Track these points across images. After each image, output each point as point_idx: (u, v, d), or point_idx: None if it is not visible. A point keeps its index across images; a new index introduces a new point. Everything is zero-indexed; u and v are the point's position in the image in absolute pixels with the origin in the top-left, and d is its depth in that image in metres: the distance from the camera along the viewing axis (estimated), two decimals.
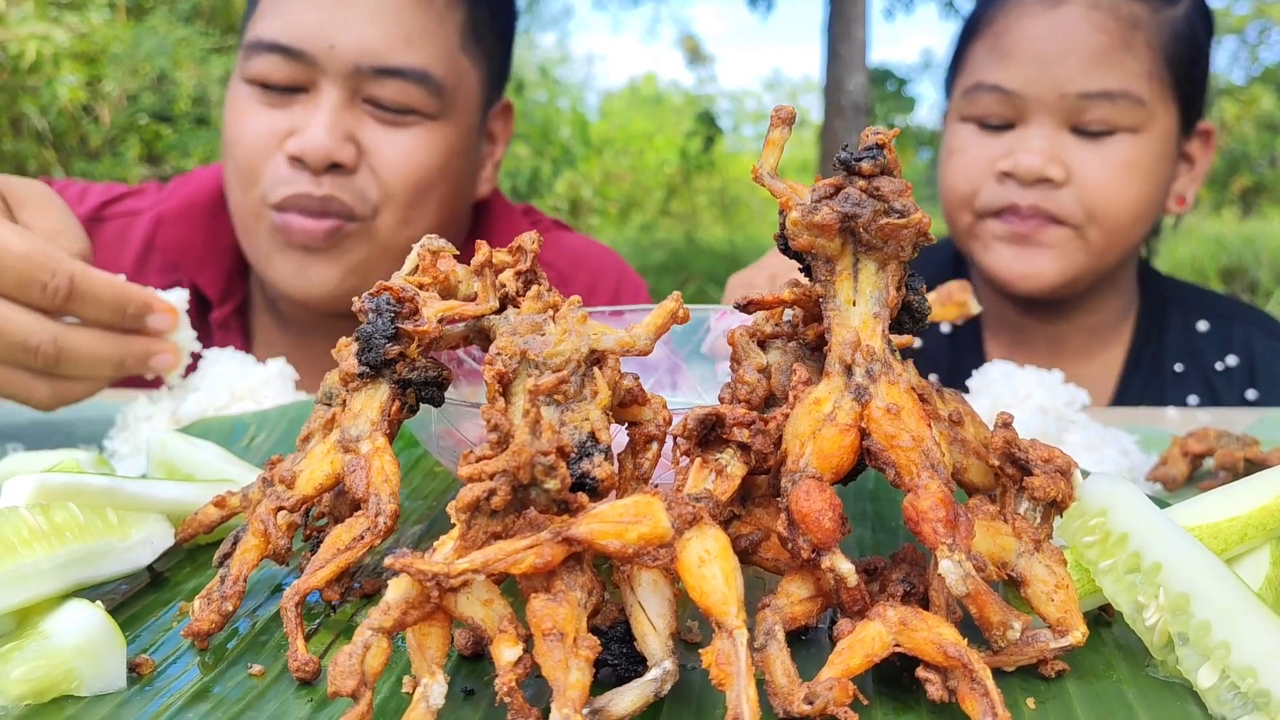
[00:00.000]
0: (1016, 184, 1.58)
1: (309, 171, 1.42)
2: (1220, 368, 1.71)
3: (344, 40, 1.42)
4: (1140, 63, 1.55)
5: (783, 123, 0.62)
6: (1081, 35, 1.56)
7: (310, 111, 1.44)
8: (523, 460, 0.52)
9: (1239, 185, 11.53)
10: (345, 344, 0.68)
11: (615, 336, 0.59)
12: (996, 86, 1.59)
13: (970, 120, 1.64)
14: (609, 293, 1.78)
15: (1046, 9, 1.59)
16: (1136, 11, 1.57)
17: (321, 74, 1.43)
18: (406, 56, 1.46)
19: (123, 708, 0.55)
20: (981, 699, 0.50)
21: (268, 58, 1.44)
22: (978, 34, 1.66)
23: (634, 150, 14.33)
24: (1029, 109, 1.57)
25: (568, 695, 0.47)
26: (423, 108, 1.48)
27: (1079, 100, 1.55)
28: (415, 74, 1.46)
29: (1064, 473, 0.61)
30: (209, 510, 0.70)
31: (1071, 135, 1.57)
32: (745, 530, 0.61)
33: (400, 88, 1.46)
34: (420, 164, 1.49)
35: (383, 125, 1.47)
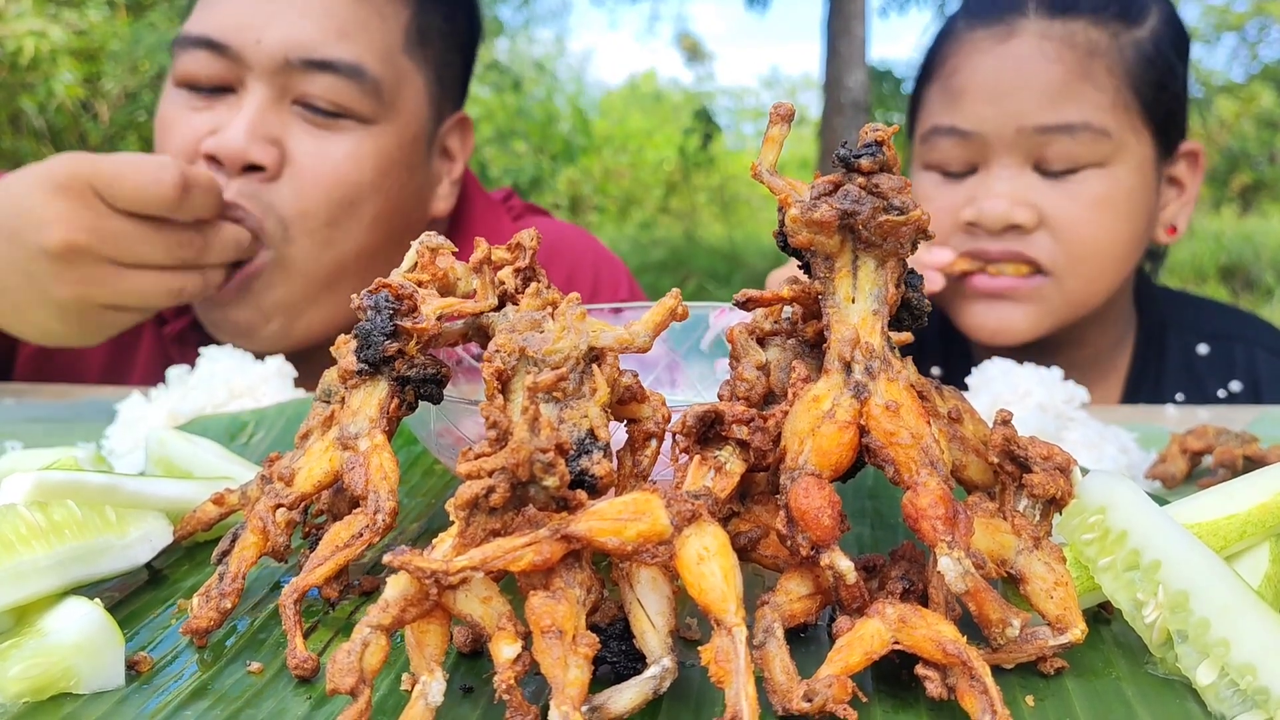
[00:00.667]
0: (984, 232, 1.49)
1: (225, 174, 1.35)
2: (1223, 394, 1.64)
3: (271, 34, 1.35)
4: (1102, 93, 1.47)
5: (782, 119, 0.62)
6: (1035, 67, 1.47)
7: (234, 111, 1.37)
8: (521, 457, 0.51)
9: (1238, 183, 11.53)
10: (344, 341, 0.68)
11: (614, 334, 0.59)
12: (953, 128, 1.51)
13: (931, 168, 1.56)
14: (588, 280, 1.71)
15: (996, 43, 1.51)
16: (1094, 38, 1.48)
17: (248, 71, 1.37)
18: (339, 50, 1.37)
19: (121, 705, 0.55)
20: (980, 696, 0.50)
21: (194, 54, 1.38)
22: (930, 76, 1.59)
23: (633, 148, 14.33)
24: (989, 149, 1.49)
25: (566, 693, 0.47)
26: (356, 108, 1.39)
27: (1038, 135, 1.46)
28: (348, 68, 1.37)
29: (1063, 470, 0.61)
30: (207, 508, 0.70)
31: (1036, 174, 1.49)
32: (744, 527, 0.61)
33: (332, 84, 1.37)
34: (348, 173, 1.39)
35: (312, 129, 1.38)
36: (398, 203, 1.47)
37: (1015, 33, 1.51)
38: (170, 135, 1.40)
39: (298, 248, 1.39)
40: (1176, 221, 1.62)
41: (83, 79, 7.95)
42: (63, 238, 1.18)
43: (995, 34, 1.52)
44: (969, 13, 1.58)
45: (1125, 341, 1.70)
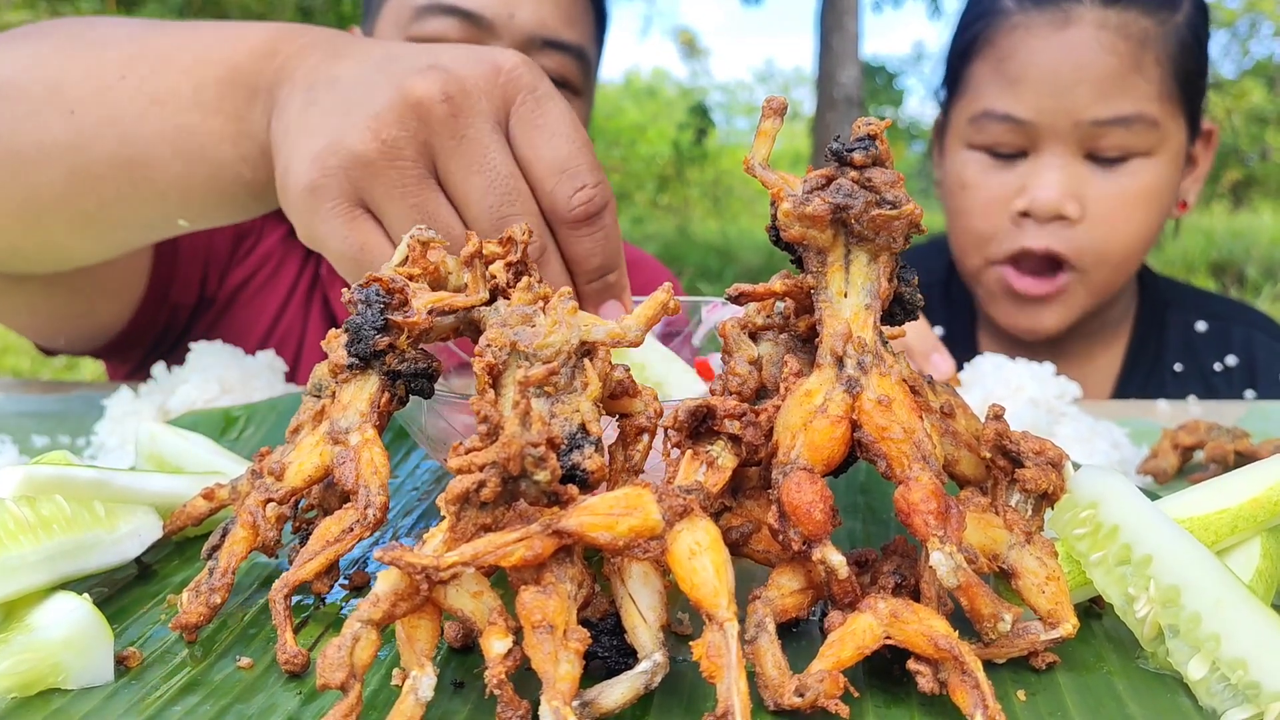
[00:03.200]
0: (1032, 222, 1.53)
1: None
2: (1219, 368, 1.68)
3: (523, 13, 1.49)
4: (1151, 83, 1.50)
5: (774, 114, 0.61)
6: (1093, 58, 1.49)
7: None
8: (512, 452, 0.51)
9: (1229, 179, 11.56)
10: (335, 335, 0.68)
11: (606, 328, 0.59)
12: (1008, 116, 1.52)
13: (978, 148, 1.58)
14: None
15: (1054, 30, 1.52)
16: (1145, 27, 1.51)
17: (495, 40, 1.49)
18: (571, 33, 1.54)
19: (110, 701, 0.54)
20: (972, 691, 0.50)
21: (445, 20, 1.48)
22: (978, 53, 1.59)
23: (626, 142, 14.31)
24: (1041, 137, 1.52)
25: (557, 687, 0.47)
26: (574, 82, 1.56)
27: (1093, 128, 1.49)
28: (576, 49, 1.55)
29: (1055, 465, 0.61)
30: (197, 502, 0.70)
31: (1086, 163, 1.52)
32: (736, 522, 0.61)
33: (561, 61, 1.53)
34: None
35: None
36: None
37: (1072, 20, 1.52)
38: None
39: None
40: (1188, 196, 1.66)
41: None
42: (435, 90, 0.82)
43: (1052, 20, 1.53)
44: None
45: (1128, 313, 1.75)
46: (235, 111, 0.94)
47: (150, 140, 0.97)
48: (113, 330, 1.52)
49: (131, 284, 1.48)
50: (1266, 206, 11.43)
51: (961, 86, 1.63)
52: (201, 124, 0.96)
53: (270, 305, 1.67)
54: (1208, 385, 1.68)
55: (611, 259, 0.86)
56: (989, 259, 1.60)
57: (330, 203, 0.83)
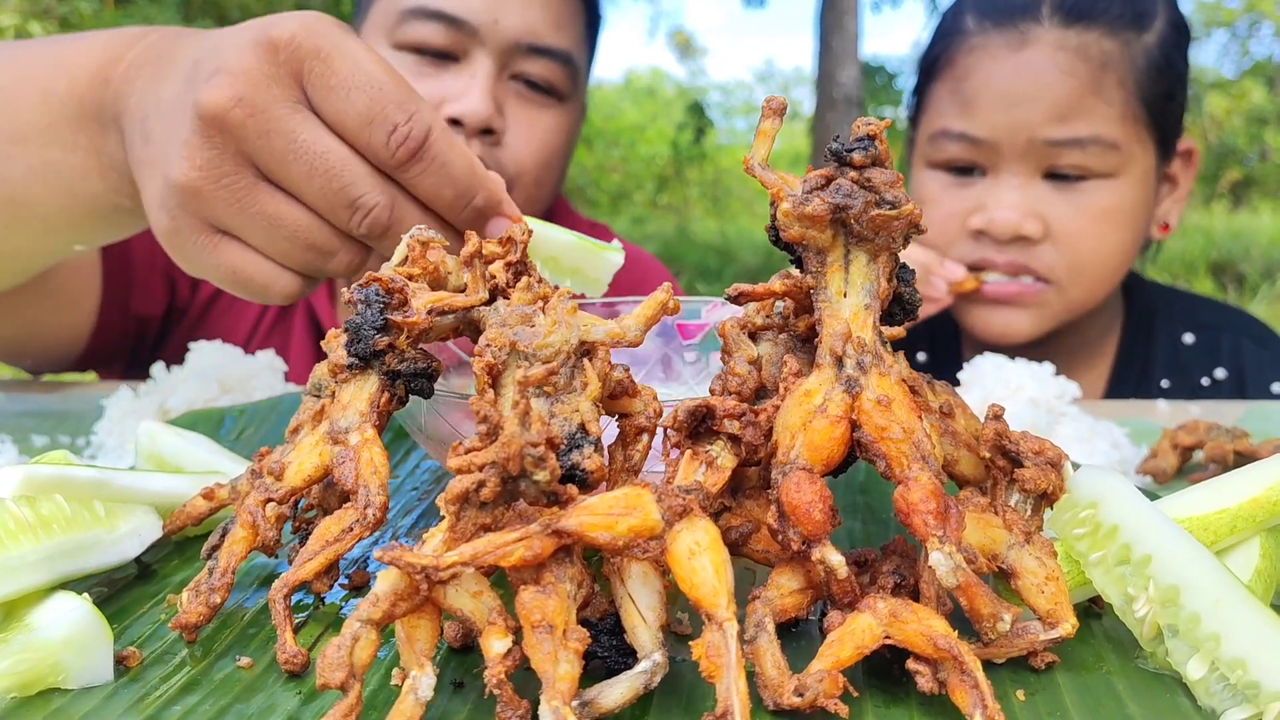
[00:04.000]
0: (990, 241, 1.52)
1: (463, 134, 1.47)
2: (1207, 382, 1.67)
3: (509, 18, 1.49)
4: (1112, 106, 1.48)
5: (774, 114, 0.61)
6: (1049, 80, 1.48)
7: (463, 80, 1.49)
8: (512, 452, 0.51)
9: (1228, 179, 11.56)
10: (334, 335, 0.68)
11: (605, 328, 0.59)
12: (964, 134, 1.52)
13: (937, 167, 1.58)
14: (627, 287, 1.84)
15: (1011, 51, 1.51)
16: (1107, 49, 1.49)
17: (479, 45, 1.49)
18: (556, 38, 1.54)
19: (110, 700, 0.54)
20: (972, 691, 0.50)
21: (429, 25, 1.49)
22: (938, 74, 1.59)
23: (625, 142, 14.30)
24: (999, 155, 1.51)
25: (557, 687, 0.47)
26: (560, 88, 1.56)
27: (1048, 147, 1.48)
28: (562, 55, 1.54)
29: (1055, 465, 0.61)
30: (197, 502, 0.70)
31: (1044, 182, 1.51)
32: (735, 522, 0.61)
33: (547, 67, 1.53)
34: (551, 142, 1.57)
35: (524, 102, 1.54)
36: (563, 173, 1.70)
37: (1029, 41, 1.51)
38: None
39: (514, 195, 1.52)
40: (1169, 218, 1.64)
41: None
42: (221, 102, 0.81)
43: (1009, 40, 1.52)
44: (979, 12, 1.57)
45: (1113, 328, 1.73)
46: (92, 145, 0.94)
47: (21, 179, 0.97)
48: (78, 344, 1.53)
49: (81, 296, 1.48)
50: (1266, 206, 11.43)
51: (923, 105, 1.63)
52: (64, 160, 0.95)
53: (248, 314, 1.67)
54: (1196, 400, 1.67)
55: (463, 185, 0.84)
56: None
57: (189, 240, 0.84)
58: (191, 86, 0.83)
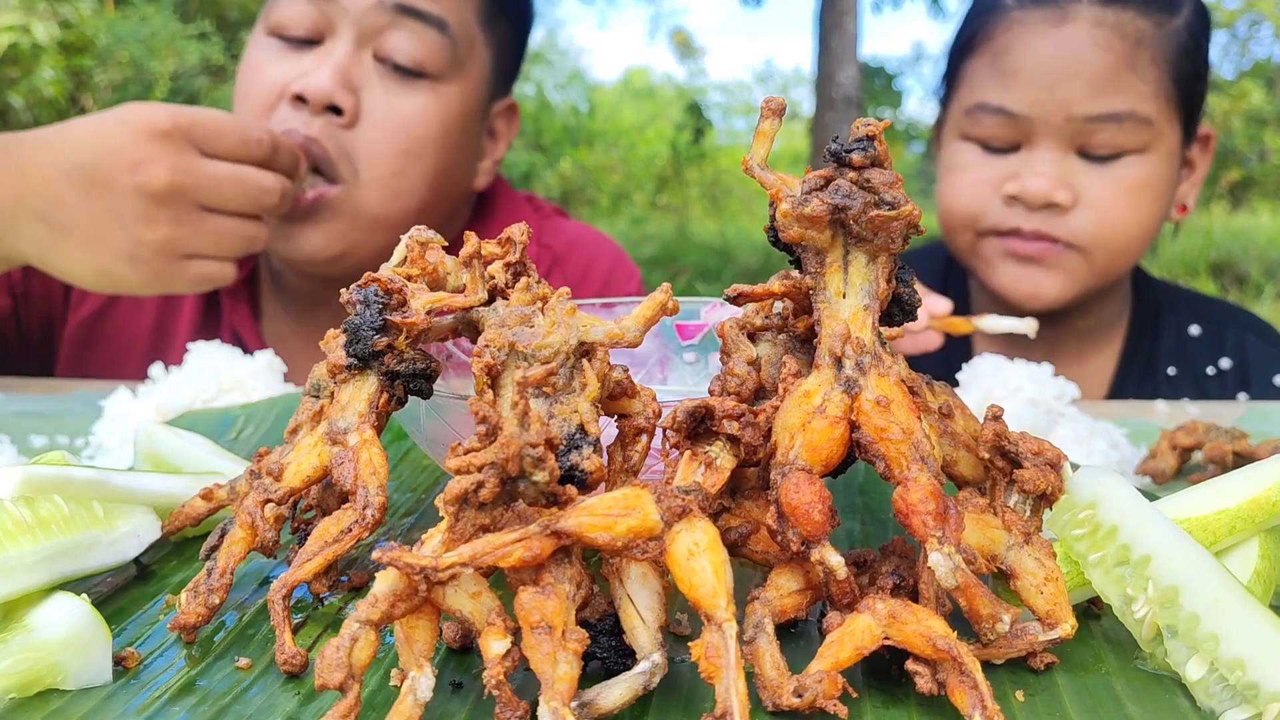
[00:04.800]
0: (1023, 207, 1.55)
1: (308, 112, 1.46)
2: (1212, 371, 1.69)
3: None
4: (1146, 83, 1.52)
5: (773, 114, 0.61)
6: (1087, 56, 1.51)
7: (321, 58, 1.48)
8: (511, 452, 0.51)
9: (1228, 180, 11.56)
10: (333, 335, 0.68)
11: (604, 328, 0.59)
12: (1001, 109, 1.55)
13: (972, 140, 1.60)
14: (601, 277, 1.80)
15: (1050, 27, 1.54)
16: (1142, 27, 1.53)
17: (341, 16, 1.47)
18: (431, 4, 1.48)
19: (108, 701, 0.54)
20: (971, 692, 0.50)
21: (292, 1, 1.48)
22: (975, 49, 1.62)
23: (624, 143, 14.30)
24: (1034, 131, 1.54)
25: (556, 688, 0.47)
26: (433, 65, 1.50)
27: (1086, 123, 1.51)
28: (435, 19, 1.49)
29: (1054, 466, 0.61)
30: (196, 503, 0.70)
31: (1078, 158, 1.54)
32: (735, 523, 0.61)
33: (417, 33, 1.48)
34: (416, 126, 1.50)
35: (386, 84, 1.49)
36: (453, 163, 1.60)
37: (1069, 18, 1.54)
38: (258, 78, 1.52)
39: (366, 191, 1.51)
40: (1187, 200, 1.68)
41: (70, 73, 7.90)
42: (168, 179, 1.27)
43: (1049, 17, 1.55)
44: None
45: (1122, 316, 1.76)
46: None
47: None
48: None
49: None
50: (1265, 207, 11.43)
51: (959, 81, 1.65)
52: None
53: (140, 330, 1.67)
54: (1200, 389, 1.69)
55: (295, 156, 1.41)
56: (980, 232, 1.61)
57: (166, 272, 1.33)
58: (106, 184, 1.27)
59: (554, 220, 1.87)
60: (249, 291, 1.70)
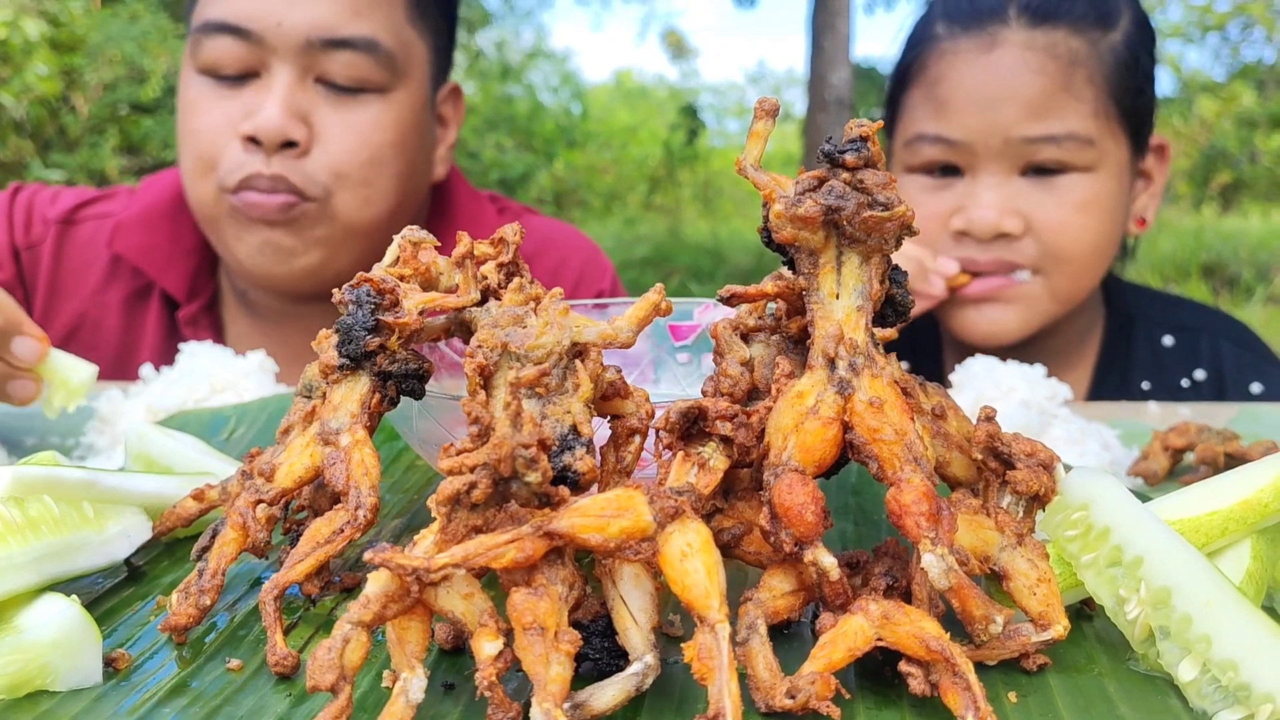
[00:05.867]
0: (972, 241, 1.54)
1: (262, 152, 1.44)
2: (1187, 384, 1.69)
3: (292, 17, 1.44)
4: (1084, 102, 1.51)
5: (766, 115, 0.61)
6: (1020, 79, 1.51)
7: (262, 94, 1.45)
8: (504, 453, 0.51)
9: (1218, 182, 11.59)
10: (325, 336, 0.68)
11: (597, 329, 0.59)
12: (939, 137, 1.54)
13: (915, 170, 1.60)
14: (574, 274, 1.80)
15: (981, 53, 1.54)
16: (1075, 47, 1.52)
17: (272, 54, 1.45)
18: (355, 27, 1.46)
19: (99, 703, 0.54)
20: (964, 693, 0.50)
21: (217, 40, 1.45)
22: (911, 80, 1.61)
23: (617, 144, 14.30)
24: (975, 156, 1.53)
25: (548, 689, 0.47)
26: (373, 80, 1.49)
27: (1025, 145, 1.51)
28: (364, 43, 1.47)
29: (1046, 467, 0.61)
30: (187, 503, 0.69)
31: (1022, 180, 1.53)
32: (728, 524, 0.61)
33: (351, 60, 1.47)
34: (373, 140, 1.50)
35: (334, 104, 1.48)
36: (414, 163, 1.60)
37: (998, 43, 1.53)
38: (199, 121, 1.49)
39: (339, 200, 1.50)
40: (1145, 213, 1.67)
41: (60, 71, 7.87)
42: None
43: (979, 43, 1.54)
44: (949, 18, 1.60)
45: (1093, 330, 1.75)
46: None
47: None
48: None
49: None
50: (1256, 209, 11.46)
51: (898, 114, 1.65)
52: None
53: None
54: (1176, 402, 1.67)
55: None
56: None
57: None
58: None
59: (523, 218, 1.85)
60: (209, 317, 1.68)
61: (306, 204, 1.48)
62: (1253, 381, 1.66)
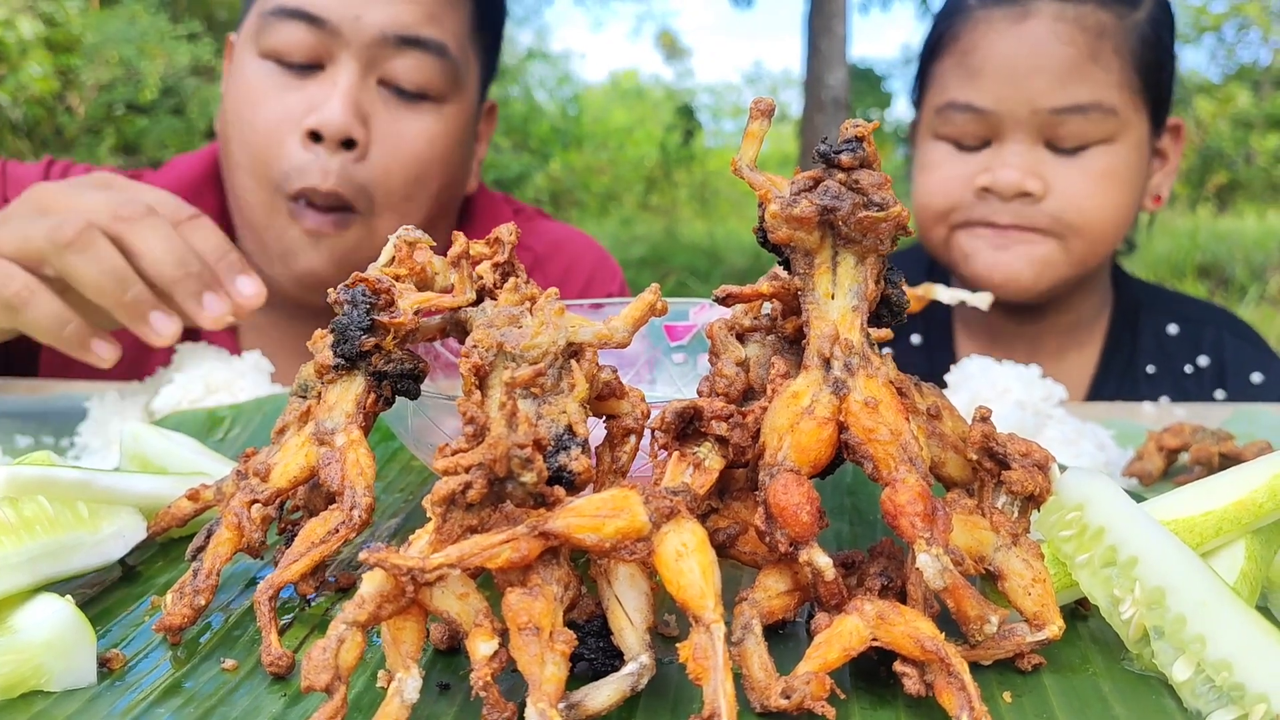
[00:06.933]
0: (996, 199, 1.59)
1: (322, 148, 1.43)
2: (1190, 369, 1.73)
3: (371, 12, 1.44)
4: (1109, 73, 1.56)
5: (762, 115, 0.61)
6: (1050, 50, 1.56)
7: (326, 88, 1.45)
8: (499, 453, 0.51)
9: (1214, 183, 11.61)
10: (321, 336, 0.67)
11: (593, 329, 0.59)
12: (969, 105, 1.59)
13: (944, 139, 1.65)
14: (583, 278, 1.81)
15: (1012, 24, 1.59)
16: (1103, 20, 1.57)
17: (343, 47, 1.44)
18: (429, 30, 1.47)
19: (93, 703, 0.54)
20: (958, 693, 0.50)
21: (289, 26, 1.44)
22: (943, 50, 1.66)
23: (613, 145, 14.30)
24: (1003, 126, 1.58)
25: (543, 689, 0.47)
26: (434, 88, 1.50)
27: (1052, 115, 1.55)
28: (436, 46, 1.47)
29: (1041, 467, 0.61)
30: (182, 503, 0.69)
31: (1047, 150, 1.58)
32: (723, 524, 0.61)
33: (419, 63, 1.47)
34: (423, 151, 1.51)
35: (392, 109, 1.48)
36: (454, 178, 1.61)
37: (1030, 14, 1.59)
38: (260, 108, 1.47)
39: (380, 219, 1.50)
40: (1161, 190, 1.73)
41: (56, 71, 7.86)
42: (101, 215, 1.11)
43: (1011, 15, 1.60)
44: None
45: (1102, 314, 1.80)
46: None
47: None
48: None
49: None
50: (1251, 210, 11.49)
51: (929, 82, 1.69)
52: None
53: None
54: (1179, 386, 1.73)
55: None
56: (953, 226, 1.65)
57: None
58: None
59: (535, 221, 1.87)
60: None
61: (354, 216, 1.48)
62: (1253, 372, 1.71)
